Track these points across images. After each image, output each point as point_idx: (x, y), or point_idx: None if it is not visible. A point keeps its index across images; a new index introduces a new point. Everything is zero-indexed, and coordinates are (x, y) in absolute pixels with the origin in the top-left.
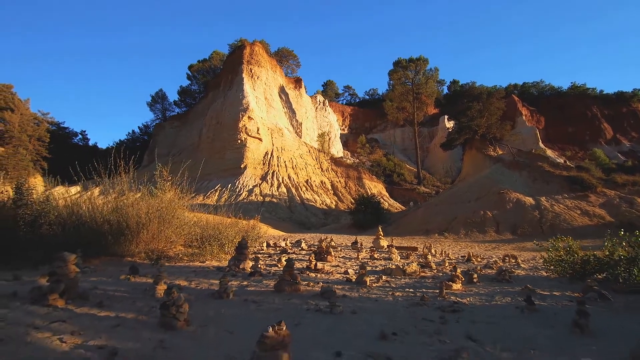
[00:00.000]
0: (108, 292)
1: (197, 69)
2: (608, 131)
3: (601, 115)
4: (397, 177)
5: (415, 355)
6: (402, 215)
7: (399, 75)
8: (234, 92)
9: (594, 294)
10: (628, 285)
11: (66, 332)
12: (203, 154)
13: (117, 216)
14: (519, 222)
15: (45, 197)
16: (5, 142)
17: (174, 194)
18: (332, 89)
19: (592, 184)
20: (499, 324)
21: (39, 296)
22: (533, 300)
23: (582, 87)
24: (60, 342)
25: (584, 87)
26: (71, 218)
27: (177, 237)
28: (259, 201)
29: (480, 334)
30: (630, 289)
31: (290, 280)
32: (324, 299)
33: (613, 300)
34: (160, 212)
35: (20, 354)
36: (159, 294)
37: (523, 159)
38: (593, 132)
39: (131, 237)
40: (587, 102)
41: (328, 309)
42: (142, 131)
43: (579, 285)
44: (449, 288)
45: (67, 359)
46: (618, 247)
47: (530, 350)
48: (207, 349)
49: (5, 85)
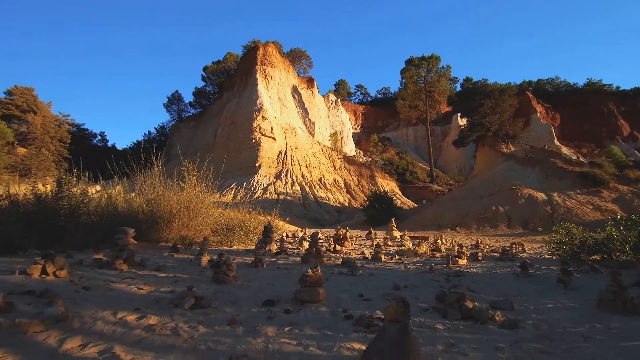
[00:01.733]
0: (159, 263)
1: (212, 70)
2: (625, 128)
3: (618, 112)
4: (409, 176)
5: (422, 295)
6: (414, 212)
7: (411, 73)
8: (248, 92)
9: (587, 267)
10: (621, 263)
11: (139, 284)
12: (218, 154)
13: (151, 207)
14: (530, 217)
15: (82, 190)
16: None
17: (200, 189)
18: (344, 88)
19: (605, 180)
20: (496, 283)
21: (103, 264)
22: (527, 268)
23: (598, 83)
24: (137, 289)
25: (600, 83)
26: (108, 208)
27: (204, 226)
28: (274, 199)
29: (478, 287)
30: (621, 265)
31: (315, 253)
32: (345, 267)
33: (604, 272)
34: (189, 203)
35: (109, 295)
36: (203, 264)
37: (536, 156)
38: (610, 129)
39: (164, 226)
40: (604, 99)
41: (349, 272)
42: (159, 132)
43: (577, 263)
44: (455, 263)
45: (150, 298)
46: (614, 229)
47: (518, 295)
48: (255, 293)
49: (27, 89)
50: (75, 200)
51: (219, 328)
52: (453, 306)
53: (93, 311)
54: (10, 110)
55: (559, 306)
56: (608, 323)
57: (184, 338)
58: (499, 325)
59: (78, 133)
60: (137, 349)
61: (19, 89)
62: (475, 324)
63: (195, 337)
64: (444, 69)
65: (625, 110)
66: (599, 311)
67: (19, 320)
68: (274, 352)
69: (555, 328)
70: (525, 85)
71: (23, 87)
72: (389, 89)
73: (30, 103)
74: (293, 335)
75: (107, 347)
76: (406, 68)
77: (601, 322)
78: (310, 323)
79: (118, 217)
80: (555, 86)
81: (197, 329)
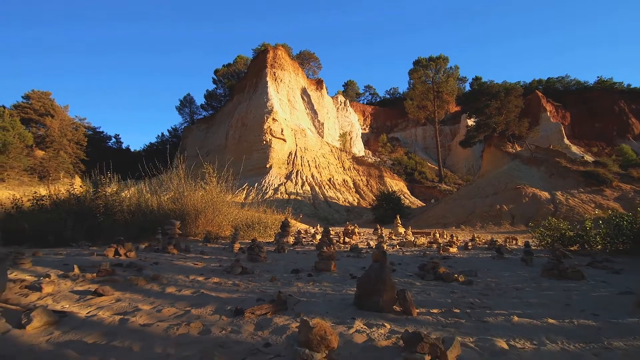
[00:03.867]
0: (200, 249)
1: (223, 73)
2: (636, 126)
3: (629, 110)
4: (418, 175)
5: (410, 269)
6: (422, 211)
7: (420, 74)
8: (258, 95)
9: (559, 253)
10: (591, 252)
11: (193, 261)
12: (230, 155)
13: (179, 205)
14: (533, 215)
15: (115, 191)
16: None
17: (220, 189)
18: (353, 89)
19: (608, 179)
20: (473, 263)
21: (156, 249)
22: (503, 253)
23: (608, 81)
24: (193, 264)
25: (610, 81)
26: (140, 207)
27: (226, 222)
28: (285, 199)
29: (457, 265)
30: (589, 253)
31: (328, 242)
32: (352, 252)
33: (572, 258)
34: (213, 202)
35: (175, 268)
36: (235, 250)
37: (541, 155)
38: (620, 127)
39: (191, 222)
40: (614, 97)
41: (356, 255)
42: (172, 134)
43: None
44: (446, 250)
45: (206, 269)
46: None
47: (486, 270)
48: (283, 267)
49: (44, 93)
50: (111, 200)
51: (264, 283)
52: (429, 272)
53: (170, 275)
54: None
55: (513, 275)
56: (541, 283)
57: (242, 287)
58: (460, 283)
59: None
60: (214, 292)
61: (37, 93)
62: (443, 282)
63: (250, 287)
64: (452, 69)
65: (636, 108)
66: (541, 277)
67: (130, 277)
68: (305, 292)
69: (501, 285)
70: (535, 84)
71: (40, 92)
72: (397, 89)
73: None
74: (315, 286)
75: (195, 291)
76: (414, 69)
77: (536, 283)
78: (326, 280)
79: (150, 214)
80: (565, 84)
81: (249, 283)
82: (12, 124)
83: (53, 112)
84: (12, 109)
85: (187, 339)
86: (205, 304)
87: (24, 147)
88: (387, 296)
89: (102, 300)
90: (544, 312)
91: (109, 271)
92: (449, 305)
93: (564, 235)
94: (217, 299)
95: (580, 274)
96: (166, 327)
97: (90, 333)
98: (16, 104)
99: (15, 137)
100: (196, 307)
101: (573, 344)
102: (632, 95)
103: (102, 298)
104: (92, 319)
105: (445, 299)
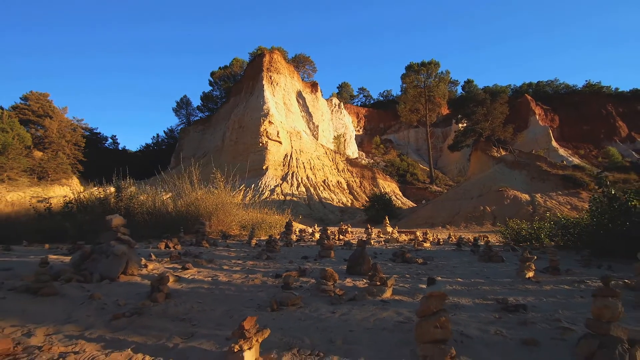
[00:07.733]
0: (223, 245)
1: (219, 76)
2: (623, 129)
3: (616, 113)
4: (410, 177)
5: (387, 257)
6: (411, 212)
7: (411, 78)
8: (255, 98)
9: (509, 247)
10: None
11: (226, 251)
12: (227, 157)
13: (193, 208)
14: (513, 216)
15: (133, 194)
16: (45, 147)
17: (227, 192)
18: (347, 91)
19: (584, 182)
20: (437, 253)
21: (191, 244)
22: (461, 246)
23: (597, 85)
24: (227, 253)
25: (599, 85)
26: (156, 209)
27: (235, 222)
28: (281, 200)
29: (425, 254)
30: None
31: (327, 237)
32: (345, 246)
33: (519, 250)
34: (223, 204)
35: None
36: (253, 244)
37: (524, 160)
38: (608, 130)
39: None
40: (602, 100)
41: (348, 248)
42: (168, 135)
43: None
44: (420, 245)
45: (238, 257)
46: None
47: (442, 257)
48: (294, 254)
49: (42, 94)
50: (132, 202)
51: (285, 264)
52: (398, 257)
53: (219, 260)
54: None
55: (458, 260)
56: (473, 264)
57: (271, 266)
58: (419, 264)
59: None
60: (255, 268)
61: (35, 94)
62: (407, 263)
63: (277, 266)
64: (443, 74)
65: (623, 111)
66: (477, 261)
67: (195, 260)
68: (314, 269)
69: (446, 265)
70: (525, 87)
71: (38, 93)
72: (391, 91)
73: (46, 108)
74: (320, 265)
75: (242, 267)
76: (406, 74)
77: (470, 264)
78: (327, 263)
79: (167, 215)
80: (554, 88)
81: (275, 264)
82: (11, 125)
83: (51, 114)
84: (10, 110)
85: (255, 287)
86: (254, 273)
87: (23, 148)
88: (366, 267)
89: (189, 272)
90: (459, 276)
91: (178, 257)
92: (404, 273)
93: (519, 233)
94: (259, 271)
95: (500, 258)
96: (240, 282)
97: (201, 284)
98: (14, 105)
99: (15, 138)
100: (251, 274)
101: (461, 287)
102: (619, 99)
103: (188, 270)
104: (196, 278)
105: (403, 272)
